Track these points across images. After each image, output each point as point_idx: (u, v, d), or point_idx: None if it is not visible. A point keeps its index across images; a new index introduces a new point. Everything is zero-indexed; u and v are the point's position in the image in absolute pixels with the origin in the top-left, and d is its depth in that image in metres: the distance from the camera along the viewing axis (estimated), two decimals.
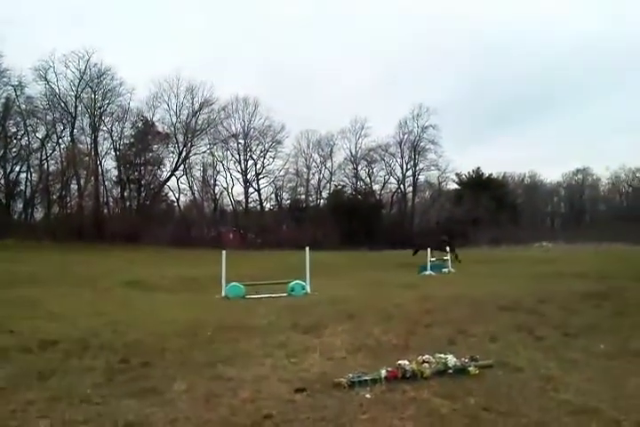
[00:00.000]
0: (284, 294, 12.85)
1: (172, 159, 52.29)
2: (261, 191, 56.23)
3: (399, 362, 5.32)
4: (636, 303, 9.60)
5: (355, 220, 48.61)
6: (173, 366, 5.99)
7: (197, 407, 4.52)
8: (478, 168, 57.79)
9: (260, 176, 55.70)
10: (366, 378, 5.03)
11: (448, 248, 20.59)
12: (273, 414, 4.25)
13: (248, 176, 55.03)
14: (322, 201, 58.52)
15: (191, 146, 51.52)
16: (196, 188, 55.24)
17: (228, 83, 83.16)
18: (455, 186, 59.59)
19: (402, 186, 58.02)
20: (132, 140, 50.91)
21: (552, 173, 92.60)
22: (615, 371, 5.42)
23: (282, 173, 56.51)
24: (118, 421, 4.19)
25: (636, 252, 27.32)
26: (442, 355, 5.55)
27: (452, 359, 5.45)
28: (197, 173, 54.96)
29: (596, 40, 76.14)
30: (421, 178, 58.43)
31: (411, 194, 58.73)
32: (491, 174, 58.82)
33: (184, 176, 53.53)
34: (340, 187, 58.29)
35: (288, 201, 58.46)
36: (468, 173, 58.15)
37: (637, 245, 33.04)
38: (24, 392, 4.99)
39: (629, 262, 18.91)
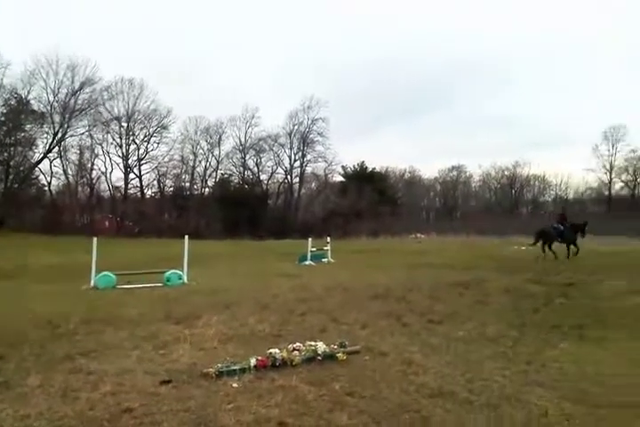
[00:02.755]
0: (160, 284, 12.43)
1: (45, 140, 48.54)
2: (143, 177, 53.89)
3: (269, 351, 5.35)
4: (494, 292, 10.39)
5: (240, 209, 48.05)
6: (29, 359, 5.59)
7: (52, 402, 4.25)
8: (363, 162, 59.49)
9: (143, 162, 53.27)
10: (235, 368, 5.00)
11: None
12: (134, 408, 4.10)
13: (129, 161, 52.45)
14: (207, 190, 57.39)
15: (68, 127, 47.98)
16: (70, 171, 51.72)
17: (113, 63, 78.40)
18: (340, 178, 60.97)
19: (289, 177, 58.30)
20: (2, 118, 46.56)
21: (429, 170, 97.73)
22: (471, 355, 5.81)
23: (166, 159, 54.51)
24: None
25: (500, 245, 29.50)
26: (312, 342, 5.66)
27: (321, 346, 5.57)
28: (73, 157, 51.47)
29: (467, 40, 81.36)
30: (308, 169, 59.09)
31: (297, 185, 59.23)
32: (374, 168, 60.80)
33: (58, 159, 49.96)
34: (226, 176, 57.40)
35: (171, 188, 56.64)
36: (353, 166, 59.67)
37: (502, 238, 35.73)
38: None
39: (493, 255, 20.39)
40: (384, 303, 9.15)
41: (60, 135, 47.86)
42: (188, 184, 56.97)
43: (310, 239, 19.81)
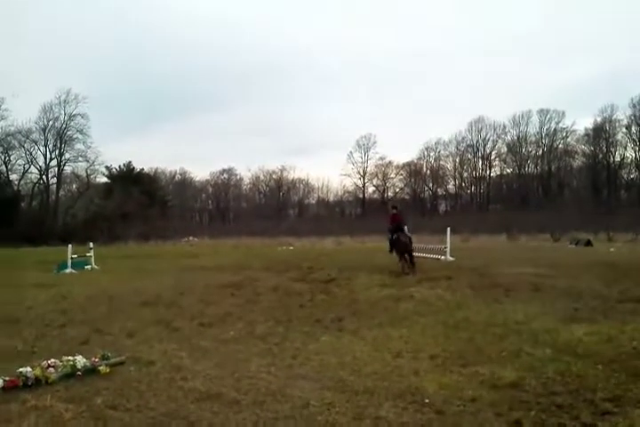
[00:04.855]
0: None
1: None
2: None
3: (20, 369, 4.82)
4: (263, 292, 10.81)
5: None
6: None
7: None
8: (130, 162, 56.80)
9: None
10: None
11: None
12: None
13: None
14: None
15: None
16: None
17: None
18: (105, 179, 57.34)
19: (45, 177, 52.96)
20: None
21: (201, 172, 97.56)
22: (240, 355, 5.96)
23: None
24: None
25: (269, 245, 30.81)
26: (70, 357, 5.23)
27: (81, 360, 5.18)
28: None
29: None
30: (68, 169, 54.36)
31: (55, 186, 54.12)
32: (142, 169, 58.57)
33: None
34: None
35: None
36: (120, 166, 56.61)
37: (271, 239, 37.32)
38: None
39: (263, 255, 21.16)
40: (153, 310, 8.89)
41: None
42: None
43: (71, 245, 18.28)
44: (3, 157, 51.06)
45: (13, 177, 51.99)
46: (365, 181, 68.64)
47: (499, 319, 7.48)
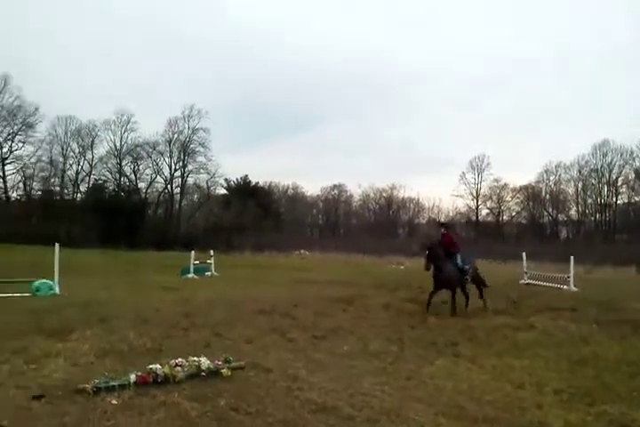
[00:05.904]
0: (28, 295, 11.54)
1: None
2: (7, 179, 49.80)
3: (150, 366, 5.16)
4: (374, 309, 10.78)
5: (116, 218, 45.78)
6: None
7: None
8: (246, 176, 59.22)
9: (7, 161, 49.26)
10: (114, 384, 4.78)
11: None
12: (5, 424, 3.81)
13: None
14: (79, 195, 54.12)
15: None
16: None
17: None
18: (224, 191, 60.21)
19: (169, 186, 56.48)
20: None
21: (313, 187, 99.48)
22: (354, 370, 5.99)
23: (33, 160, 50.74)
24: None
25: (379, 263, 30.73)
26: (195, 358, 5.53)
27: (205, 362, 5.47)
28: None
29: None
30: (190, 180, 57.67)
31: (178, 195, 57.64)
32: (257, 183, 60.82)
33: None
34: (101, 181, 54.46)
35: (39, 192, 52.75)
36: (237, 179, 59.21)
37: (380, 257, 37.19)
38: None
39: (371, 272, 21.17)
40: (269, 319, 9.16)
41: None
42: (57, 188, 53.47)
43: (193, 252, 19.40)
44: (132, 167, 55.23)
45: (141, 185, 55.95)
46: (479, 202, 66.33)
47: (631, 357, 6.93)
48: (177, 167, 55.81)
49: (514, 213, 66.11)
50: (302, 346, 7.16)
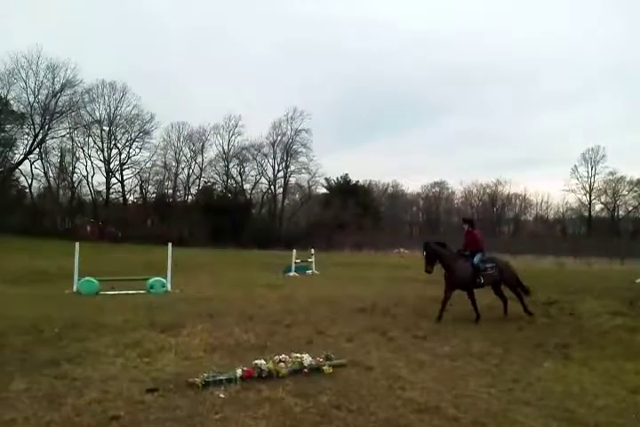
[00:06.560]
0: (143, 292, 12.33)
1: (26, 141, 48.01)
2: (125, 183, 53.48)
3: (255, 362, 5.31)
4: (480, 309, 10.43)
5: (223, 218, 47.81)
6: (13, 363, 5.53)
7: (38, 408, 4.20)
8: (346, 175, 59.68)
9: (125, 167, 52.90)
10: (221, 378, 4.97)
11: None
12: (121, 415, 4.06)
13: (111, 166, 52.04)
14: (190, 197, 57.05)
15: (49, 129, 47.58)
16: (51, 174, 51.24)
17: (95, 65, 77.28)
18: (324, 190, 61.03)
19: (272, 187, 58.18)
20: None
21: (412, 185, 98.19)
22: (457, 371, 5.83)
23: (149, 164, 54.21)
24: None
25: None
26: (298, 354, 5.64)
27: (307, 359, 5.55)
28: (54, 159, 50.98)
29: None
30: (292, 180, 59.03)
31: (281, 195, 59.15)
32: (357, 181, 61.03)
33: (39, 161, 49.46)
34: (210, 184, 57.16)
35: (154, 195, 56.23)
36: (337, 178, 59.85)
37: None
38: None
39: None
40: (369, 317, 9.17)
41: (40, 137, 47.39)
42: (170, 191, 56.67)
43: (295, 251, 19.81)
44: (238, 169, 57.55)
45: (247, 186, 58.14)
46: (592, 197, 62.15)
47: None
48: (280, 168, 57.44)
49: (630, 208, 61.31)
50: (403, 345, 7.07)
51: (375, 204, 63.81)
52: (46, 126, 47.25)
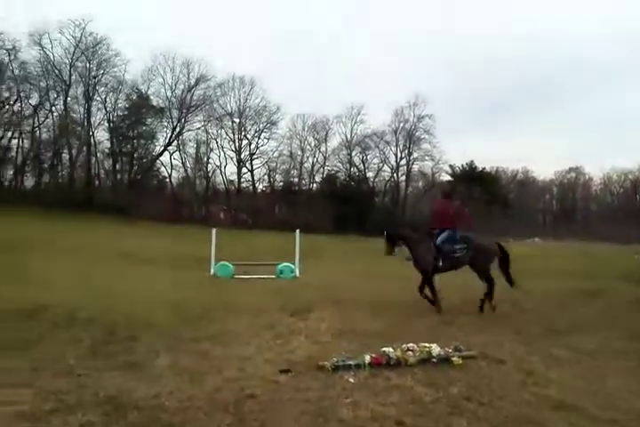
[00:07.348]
0: (273, 276, 12.86)
1: (165, 134, 51.75)
2: (254, 172, 55.89)
3: (383, 349, 5.35)
4: (621, 304, 9.69)
5: (347, 206, 48.37)
6: (159, 341, 6.01)
7: (181, 383, 4.53)
8: (472, 161, 57.56)
9: (254, 157, 55.22)
10: (350, 363, 5.07)
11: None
12: (256, 394, 4.27)
13: (242, 156, 54.64)
14: (314, 185, 58.32)
15: (185, 122, 51.03)
16: (188, 164, 54.85)
17: (226, 60, 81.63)
18: (448, 178, 59.44)
19: (395, 175, 57.73)
20: (125, 112, 50.31)
21: (545, 171, 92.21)
22: (597, 369, 5.46)
23: (276, 154, 56.14)
24: (99, 393, 4.20)
25: (624, 252, 27.50)
26: (426, 344, 5.58)
27: (436, 349, 5.49)
28: (191, 150, 54.53)
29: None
30: (415, 168, 58.17)
31: (404, 183, 58.56)
32: (484, 168, 58.73)
33: (177, 152, 53.14)
34: (333, 172, 58.00)
35: (281, 183, 58.20)
36: (462, 165, 57.95)
37: (625, 246, 33.31)
38: (8, 359, 5.00)
39: (616, 262, 19.06)
40: (500, 309, 8.83)
41: (178, 129, 50.84)
42: (296, 179, 58.30)
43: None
44: (361, 157, 57.86)
45: (369, 175, 58.26)
46: None
47: None
48: (402, 155, 56.89)
49: None
50: (537, 339, 6.74)
51: (504, 191, 61.10)
52: (183, 119, 50.65)
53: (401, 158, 56.99)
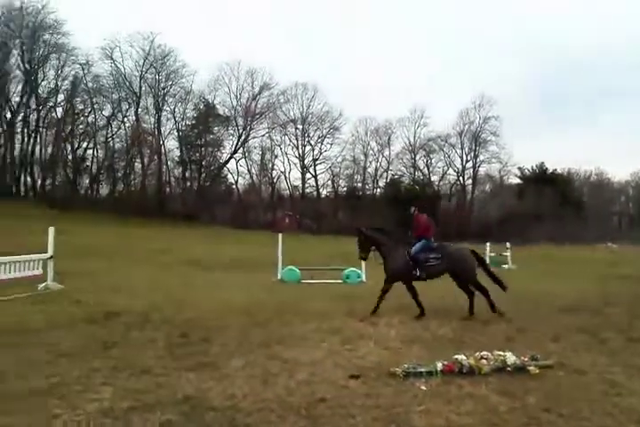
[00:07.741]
0: (339, 281, 12.87)
1: (231, 142, 53.27)
2: (318, 177, 56.34)
3: (456, 356, 5.23)
4: None
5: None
6: (232, 343, 6.16)
7: (254, 385, 4.61)
8: (542, 163, 55.94)
9: (317, 162, 55.84)
10: (422, 370, 4.99)
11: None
12: (327, 398, 4.28)
13: (305, 162, 55.26)
14: (378, 190, 58.07)
15: (250, 129, 52.26)
16: (254, 171, 55.97)
17: (288, 68, 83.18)
18: (517, 180, 57.78)
19: (461, 178, 56.84)
20: (193, 121, 52.06)
21: (620, 172, 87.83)
22: None
23: (339, 159, 56.50)
24: (177, 393, 4.33)
25: None
26: (500, 352, 5.42)
27: (510, 357, 5.32)
28: (256, 157, 55.66)
29: None
30: (482, 170, 56.98)
31: (470, 186, 57.39)
32: (555, 170, 56.69)
33: (243, 159, 54.44)
34: (397, 176, 57.60)
35: (344, 188, 58.29)
36: (532, 167, 56.31)
37: None
38: (89, 360, 5.25)
39: None
40: (576, 316, 8.48)
41: (243, 137, 52.15)
42: (359, 184, 58.27)
43: (488, 244, 19.11)
44: (425, 161, 57.28)
45: (434, 178, 57.52)
46: None
47: None
48: (468, 158, 56.03)
49: None
50: (617, 349, 6.40)
51: (576, 194, 58.75)
52: (248, 127, 51.87)
53: (466, 161, 56.15)
